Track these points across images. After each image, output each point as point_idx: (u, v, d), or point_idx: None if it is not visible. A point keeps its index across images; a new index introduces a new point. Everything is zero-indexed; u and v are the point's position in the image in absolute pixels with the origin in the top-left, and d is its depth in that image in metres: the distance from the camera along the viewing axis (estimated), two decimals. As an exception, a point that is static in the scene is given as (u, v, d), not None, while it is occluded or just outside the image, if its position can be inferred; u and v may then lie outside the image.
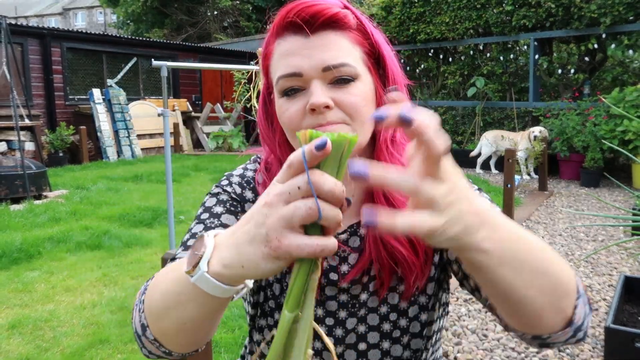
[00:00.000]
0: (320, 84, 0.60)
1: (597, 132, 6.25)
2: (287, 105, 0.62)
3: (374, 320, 0.69)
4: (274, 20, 0.63)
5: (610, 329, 1.96)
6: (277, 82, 0.62)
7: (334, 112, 0.60)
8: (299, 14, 0.59)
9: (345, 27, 0.61)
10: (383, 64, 0.66)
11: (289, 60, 0.61)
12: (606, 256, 3.63)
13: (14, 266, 3.57)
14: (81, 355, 2.38)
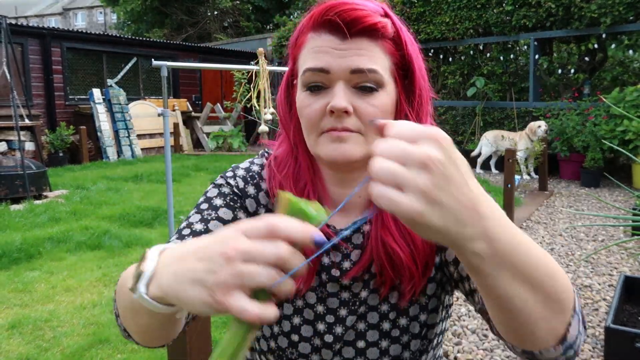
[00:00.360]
0: (344, 87, 0.61)
1: (597, 132, 6.25)
2: (309, 101, 0.63)
3: (373, 318, 0.69)
4: (313, 11, 0.63)
5: (611, 329, 1.96)
6: (304, 74, 0.63)
7: (351, 119, 0.61)
8: (340, 14, 0.60)
9: (381, 36, 0.62)
10: (411, 76, 0.66)
11: (320, 56, 0.61)
12: (606, 256, 3.63)
13: (14, 266, 3.57)
14: (81, 355, 2.38)
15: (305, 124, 0.65)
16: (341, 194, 0.70)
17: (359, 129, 0.62)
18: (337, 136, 0.62)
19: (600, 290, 3.04)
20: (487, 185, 6.30)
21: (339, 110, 0.60)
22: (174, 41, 14.52)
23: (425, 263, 0.68)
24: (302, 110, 0.65)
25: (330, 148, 0.62)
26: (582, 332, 0.53)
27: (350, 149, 0.62)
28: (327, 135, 0.63)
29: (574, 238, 4.14)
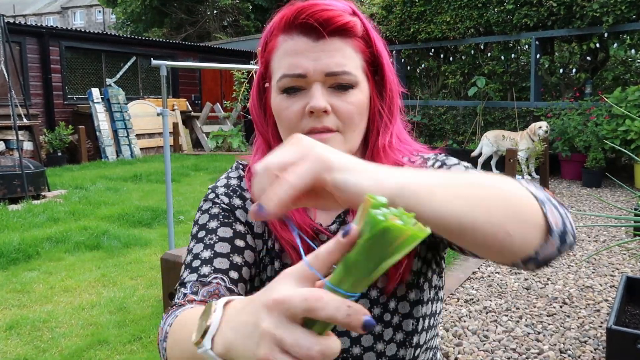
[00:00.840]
0: (320, 88, 0.63)
1: (599, 132, 6.23)
2: (287, 104, 0.64)
3: (364, 305, 0.69)
4: (282, 13, 0.64)
5: (612, 330, 1.95)
6: (280, 79, 0.64)
7: (330, 117, 0.63)
8: (312, 16, 0.61)
9: (352, 34, 0.64)
10: (381, 72, 0.68)
11: (295, 60, 0.63)
12: (608, 257, 3.62)
13: (12, 266, 3.55)
14: (80, 356, 2.37)
15: (284, 126, 0.66)
16: None
17: (338, 127, 0.64)
18: (319, 138, 0.61)
19: (601, 291, 3.03)
20: (488, 185, 6.29)
21: (319, 110, 0.62)
22: (173, 40, 14.50)
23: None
24: (280, 113, 0.65)
25: None
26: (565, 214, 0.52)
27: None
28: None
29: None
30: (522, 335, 2.51)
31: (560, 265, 3.49)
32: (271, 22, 0.67)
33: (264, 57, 0.68)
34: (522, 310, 2.79)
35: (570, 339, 2.46)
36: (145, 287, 3.20)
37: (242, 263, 0.68)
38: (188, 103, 11.06)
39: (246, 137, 11.51)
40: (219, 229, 0.69)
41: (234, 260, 0.67)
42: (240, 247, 0.69)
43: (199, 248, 0.68)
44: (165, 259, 1.34)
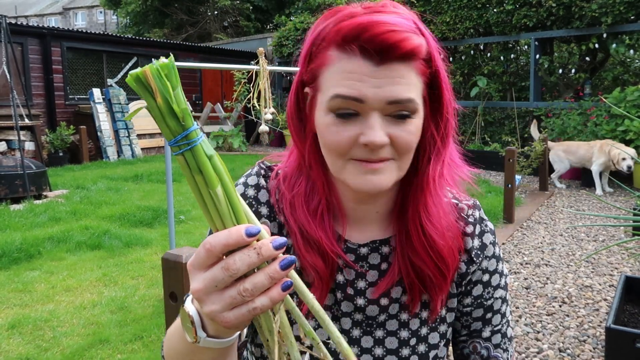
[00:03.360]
0: (379, 117, 0.57)
1: (598, 132, 6.24)
2: (337, 128, 0.58)
3: (392, 344, 0.69)
4: (338, 27, 0.56)
5: (611, 329, 1.96)
6: (332, 99, 0.57)
7: (387, 148, 0.58)
8: (376, 38, 0.54)
9: (417, 58, 0.58)
10: (439, 92, 0.62)
11: (353, 83, 0.56)
12: (607, 256, 3.63)
13: (14, 266, 3.56)
14: (81, 355, 2.38)
15: (330, 150, 0.60)
16: (358, 209, 0.68)
17: (392, 156, 0.59)
18: (371, 168, 0.58)
19: (600, 291, 3.04)
20: (488, 185, 6.30)
21: (377, 146, 0.56)
22: (174, 41, 14.52)
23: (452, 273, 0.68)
24: (327, 135, 0.59)
25: (362, 179, 0.59)
26: None
27: (384, 180, 0.59)
28: (359, 165, 0.58)
29: (574, 238, 4.14)
30: (522, 335, 2.52)
31: (559, 265, 3.50)
32: (320, 29, 0.59)
33: (310, 68, 0.60)
34: (522, 310, 2.80)
35: (569, 338, 2.47)
36: (146, 287, 3.21)
37: None
38: (189, 103, 11.01)
39: (247, 137, 11.52)
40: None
41: None
42: None
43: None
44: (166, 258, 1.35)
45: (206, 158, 0.41)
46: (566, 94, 7.72)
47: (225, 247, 0.41)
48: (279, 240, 0.41)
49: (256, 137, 11.69)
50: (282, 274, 0.41)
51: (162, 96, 0.39)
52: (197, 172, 0.41)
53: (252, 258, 0.40)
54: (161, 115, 0.39)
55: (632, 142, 5.88)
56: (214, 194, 0.41)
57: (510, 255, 3.75)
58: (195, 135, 0.40)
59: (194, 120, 0.41)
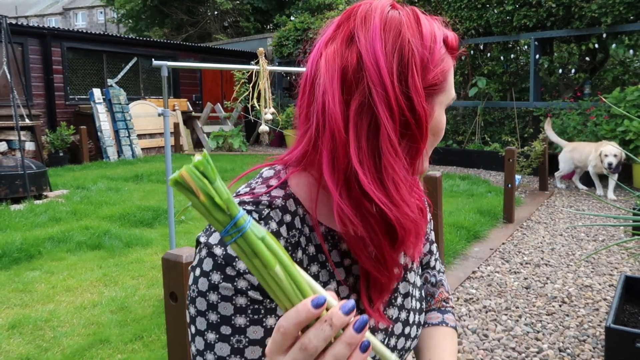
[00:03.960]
0: None
1: (598, 132, 6.24)
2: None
3: (408, 304, 0.73)
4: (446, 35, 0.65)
5: (611, 329, 1.96)
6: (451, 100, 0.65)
7: None
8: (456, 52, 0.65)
9: None
10: None
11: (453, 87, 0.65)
12: (607, 256, 3.63)
13: (14, 266, 3.57)
14: (81, 355, 2.38)
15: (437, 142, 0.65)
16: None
17: None
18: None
19: (600, 290, 3.04)
20: (488, 185, 6.30)
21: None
22: (174, 41, 14.52)
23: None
24: (442, 130, 0.65)
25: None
26: None
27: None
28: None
29: (574, 238, 4.14)
30: (522, 334, 2.52)
31: (559, 265, 3.51)
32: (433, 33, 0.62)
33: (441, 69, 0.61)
34: (522, 310, 2.80)
35: (569, 338, 2.47)
36: (146, 287, 3.21)
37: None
38: (189, 103, 11.07)
39: (247, 137, 11.53)
40: (248, 329, 0.57)
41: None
42: None
43: (224, 349, 0.57)
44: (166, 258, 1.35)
45: (259, 240, 0.41)
46: (566, 94, 7.72)
47: (298, 325, 0.40)
48: (347, 305, 0.40)
49: (256, 137, 11.70)
50: (358, 337, 0.40)
51: (204, 193, 0.40)
52: (253, 256, 0.41)
53: (326, 332, 0.39)
54: (207, 211, 0.40)
55: (632, 142, 5.89)
56: (273, 273, 0.41)
57: (510, 255, 3.75)
58: (244, 222, 0.41)
59: (238, 207, 0.41)
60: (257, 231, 0.41)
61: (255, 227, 0.41)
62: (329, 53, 0.57)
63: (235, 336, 0.57)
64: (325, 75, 0.56)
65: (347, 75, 0.55)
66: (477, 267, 3.48)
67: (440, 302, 0.86)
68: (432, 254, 0.86)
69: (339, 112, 0.55)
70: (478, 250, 3.86)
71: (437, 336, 0.81)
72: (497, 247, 3.92)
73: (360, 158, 0.54)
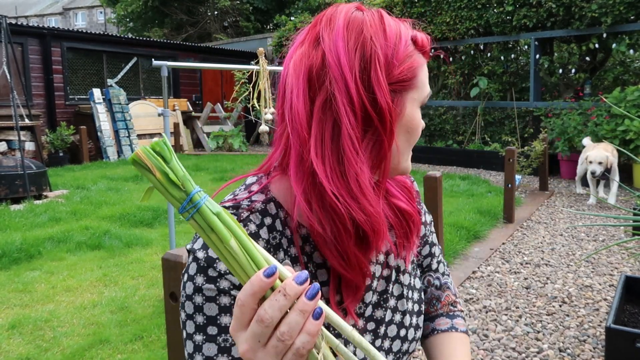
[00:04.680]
0: None
1: (599, 132, 6.24)
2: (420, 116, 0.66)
3: (403, 305, 0.73)
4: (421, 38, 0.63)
5: (611, 329, 1.96)
6: (427, 96, 0.65)
7: None
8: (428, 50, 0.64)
9: None
10: None
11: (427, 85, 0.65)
12: (607, 256, 3.63)
13: (14, 266, 3.57)
14: (81, 355, 2.38)
15: (416, 137, 0.64)
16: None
17: None
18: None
19: (600, 291, 3.04)
20: (488, 185, 6.30)
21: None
22: (174, 41, 14.52)
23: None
24: (419, 126, 0.64)
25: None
26: None
27: None
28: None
29: (574, 238, 4.14)
30: (522, 334, 2.52)
31: (559, 265, 3.50)
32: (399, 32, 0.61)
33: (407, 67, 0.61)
34: (522, 310, 2.80)
35: (569, 338, 2.47)
36: (146, 287, 3.21)
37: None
38: (189, 103, 11.07)
39: (247, 137, 11.52)
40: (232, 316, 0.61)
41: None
42: None
43: (211, 349, 0.58)
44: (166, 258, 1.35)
45: (213, 215, 0.43)
46: (566, 94, 7.72)
47: (253, 296, 0.41)
48: (301, 275, 0.41)
49: (256, 137, 11.70)
50: (310, 304, 0.41)
51: (160, 171, 0.42)
52: (210, 231, 0.43)
53: (280, 302, 0.40)
54: (164, 188, 0.43)
55: (632, 142, 5.89)
56: (229, 247, 0.43)
57: (510, 255, 3.75)
58: (199, 197, 0.43)
59: (194, 184, 0.44)
60: (212, 207, 0.43)
61: (211, 203, 0.43)
62: (297, 55, 0.59)
63: (221, 335, 0.58)
64: (293, 75, 0.58)
65: (312, 73, 0.57)
66: (477, 267, 3.48)
67: (448, 305, 0.84)
68: (433, 256, 0.84)
69: (302, 109, 0.56)
70: (478, 250, 3.86)
71: (448, 343, 0.79)
72: (497, 247, 3.92)
73: (323, 153, 0.55)
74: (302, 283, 0.41)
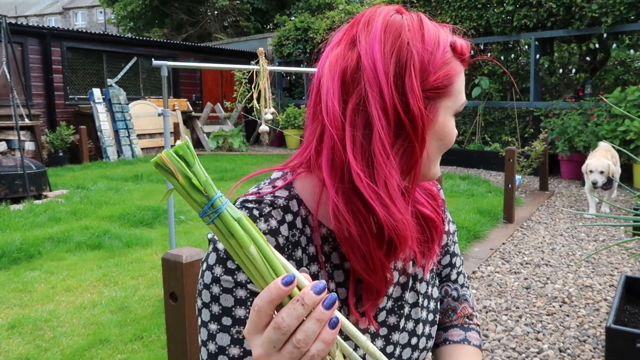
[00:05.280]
0: None
1: (599, 132, 6.24)
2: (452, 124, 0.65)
3: (417, 313, 0.72)
4: (460, 45, 0.65)
5: (611, 329, 1.96)
6: (462, 104, 0.65)
7: None
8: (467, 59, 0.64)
9: None
10: None
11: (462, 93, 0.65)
12: (607, 256, 3.63)
13: (14, 266, 3.56)
14: (81, 355, 2.38)
15: (448, 146, 0.64)
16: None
17: None
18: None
19: (601, 291, 3.04)
20: (488, 185, 6.30)
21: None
22: (174, 41, 14.52)
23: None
24: (452, 135, 0.64)
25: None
26: None
27: None
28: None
29: (574, 238, 4.14)
30: (522, 335, 2.52)
31: (559, 265, 3.50)
32: (438, 38, 0.61)
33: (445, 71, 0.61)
34: (522, 310, 2.80)
35: (569, 338, 2.47)
36: (146, 287, 3.21)
37: None
38: (189, 103, 11.07)
39: (247, 137, 11.52)
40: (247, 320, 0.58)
41: None
42: None
43: (224, 340, 0.59)
44: (166, 258, 1.35)
45: (234, 221, 0.43)
46: (566, 94, 7.72)
47: (270, 303, 0.42)
48: (319, 284, 0.42)
49: (256, 137, 11.69)
50: (327, 314, 0.41)
51: (183, 175, 0.42)
52: (230, 236, 0.43)
53: (298, 310, 0.41)
54: (186, 192, 0.43)
55: (632, 142, 5.89)
56: (248, 253, 0.43)
57: (511, 255, 3.75)
58: (220, 203, 0.43)
59: (216, 189, 0.43)
60: (233, 212, 0.43)
61: (232, 209, 0.43)
62: (333, 56, 0.59)
63: (235, 327, 0.59)
64: (328, 75, 0.58)
65: (347, 75, 0.56)
66: (478, 267, 3.48)
67: (463, 318, 0.82)
68: (453, 266, 0.82)
69: (337, 110, 0.56)
70: (478, 250, 3.86)
71: (458, 355, 0.78)
72: (497, 247, 3.92)
73: (355, 155, 0.55)
74: (319, 292, 0.41)
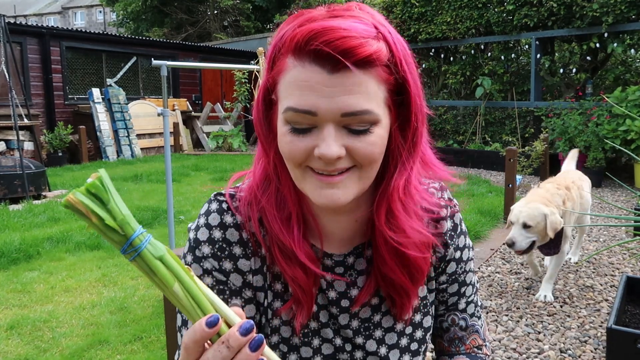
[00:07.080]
0: (333, 130, 0.54)
1: (600, 132, 6.23)
2: (292, 139, 0.55)
3: (392, 339, 0.70)
4: (293, 33, 0.54)
5: (613, 329, 1.95)
6: (286, 111, 0.55)
7: (345, 159, 0.55)
8: (328, 44, 0.50)
9: (376, 64, 0.53)
10: (407, 100, 0.58)
11: (306, 95, 0.53)
12: (608, 257, 3.62)
13: (13, 266, 3.55)
14: (80, 355, 2.37)
15: (289, 160, 0.57)
16: (334, 220, 0.66)
17: (353, 164, 0.56)
18: (329, 182, 0.56)
19: (602, 291, 3.03)
20: (488, 185, 6.29)
21: (330, 159, 0.54)
22: (173, 40, 14.51)
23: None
24: (283, 145, 0.56)
25: (320, 193, 0.56)
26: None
27: (343, 195, 0.56)
28: (317, 180, 0.56)
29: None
30: (523, 335, 2.51)
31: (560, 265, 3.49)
32: (280, 35, 0.56)
33: (272, 74, 0.57)
34: (523, 310, 2.79)
35: (570, 339, 2.46)
36: (145, 287, 3.20)
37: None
38: (188, 103, 11.07)
39: (246, 137, 11.51)
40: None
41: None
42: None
43: (180, 321, 0.67)
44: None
45: (156, 260, 0.42)
46: (567, 94, 7.71)
47: (195, 343, 0.43)
48: (245, 325, 0.42)
49: (256, 137, 11.68)
50: (253, 356, 0.42)
51: (95, 215, 0.40)
52: (153, 274, 0.42)
53: (223, 352, 0.42)
54: (101, 232, 0.41)
55: (634, 142, 5.88)
56: (172, 292, 0.43)
57: (511, 255, 3.74)
58: (139, 242, 0.41)
59: (136, 225, 0.41)
60: (154, 250, 0.42)
61: (154, 246, 0.42)
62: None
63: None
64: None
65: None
66: (478, 268, 3.47)
67: (472, 348, 0.78)
68: (462, 296, 0.77)
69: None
70: (479, 250, 3.85)
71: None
72: (497, 247, 3.91)
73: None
74: (246, 333, 0.42)
